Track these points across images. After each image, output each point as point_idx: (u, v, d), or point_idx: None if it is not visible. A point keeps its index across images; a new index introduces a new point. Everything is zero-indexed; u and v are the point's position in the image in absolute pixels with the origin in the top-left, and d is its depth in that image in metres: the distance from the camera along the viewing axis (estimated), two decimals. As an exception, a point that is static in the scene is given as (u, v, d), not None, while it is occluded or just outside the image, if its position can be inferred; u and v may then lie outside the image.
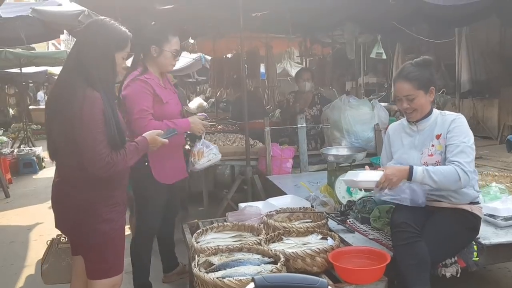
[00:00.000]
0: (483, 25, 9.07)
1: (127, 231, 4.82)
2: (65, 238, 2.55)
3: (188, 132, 3.30)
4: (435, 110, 2.66)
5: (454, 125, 2.52)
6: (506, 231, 2.74)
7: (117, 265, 2.23)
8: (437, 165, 2.51)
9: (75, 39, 2.32)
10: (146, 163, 3.04)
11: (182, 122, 3.17)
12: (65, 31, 6.36)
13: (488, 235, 2.66)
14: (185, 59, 11.24)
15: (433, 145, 2.56)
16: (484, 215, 2.74)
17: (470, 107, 10.08)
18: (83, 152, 2.04)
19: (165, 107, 3.11)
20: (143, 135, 2.33)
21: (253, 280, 1.21)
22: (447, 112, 2.65)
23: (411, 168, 2.41)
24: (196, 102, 8.91)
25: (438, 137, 2.56)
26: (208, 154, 3.38)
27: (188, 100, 8.97)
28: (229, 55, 8.43)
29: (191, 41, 8.07)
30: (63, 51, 11.62)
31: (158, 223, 3.32)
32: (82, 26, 2.27)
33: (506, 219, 2.80)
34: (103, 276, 2.19)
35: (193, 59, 11.32)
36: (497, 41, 9.91)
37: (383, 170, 2.47)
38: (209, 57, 9.80)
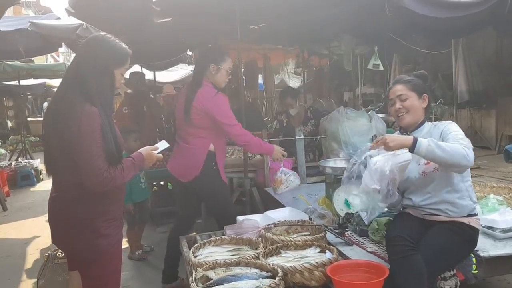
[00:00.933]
0: (480, 36, 9.15)
1: (125, 244, 4.82)
2: (61, 253, 2.54)
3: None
4: (428, 122, 2.68)
5: (447, 128, 2.55)
6: (504, 243, 2.73)
7: (114, 280, 2.22)
8: (435, 172, 2.50)
9: (73, 53, 2.34)
10: (215, 167, 3.53)
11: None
12: (63, 44, 6.38)
13: (486, 247, 2.65)
14: (183, 70, 11.28)
15: None
16: (483, 227, 2.73)
17: (467, 117, 10.11)
18: (81, 167, 2.04)
19: None
20: (139, 150, 2.33)
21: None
22: (439, 122, 2.68)
23: (415, 138, 2.33)
24: None
25: None
26: (286, 181, 3.84)
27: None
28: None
29: (189, 53, 8.11)
30: (61, 64, 11.67)
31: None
32: (81, 40, 2.28)
33: (505, 231, 2.78)
34: (100, 291, 2.17)
35: (191, 71, 11.32)
36: (493, 51, 9.98)
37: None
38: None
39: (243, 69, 6.63)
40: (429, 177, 2.52)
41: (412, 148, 2.32)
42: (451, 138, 2.46)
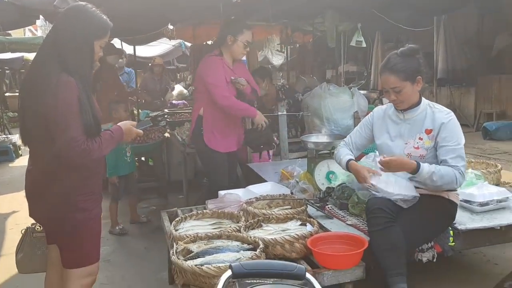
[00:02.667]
0: (461, 15, 9.19)
1: (107, 219, 4.79)
2: (40, 227, 2.50)
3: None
4: (424, 101, 2.63)
5: (448, 125, 2.50)
6: (481, 216, 2.80)
7: (93, 254, 2.20)
8: (422, 159, 2.52)
9: (52, 25, 2.25)
10: (202, 131, 3.70)
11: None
12: (41, 16, 6.17)
13: (464, 220, 2.71)
14: (164, 45, 11.09)
15: (420, 138, 2.55)
16: (461, 201, 2.78)
17: (447, 95, 10.24)
18: (57, 138, 1.99)
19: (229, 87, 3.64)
20: (118, 124, 2.28)
21: (230, 267, 1.21)
22: (436, 105, 2.62)
23: (418, 164, 2.41)
24: (176, 90, 8.81)
25: (428, 132, 2.54)
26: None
27: (168, 88, 8.92)
28: (209, 42, 8.33)
29: (171, 27, 7.94)
30: (39, 37, 11.30)
31: None
32: (59, 11, 2.19)
33: (482, 204, 2.85)
34: (78, 265, 2.15)
35: (173, 45, 11.16)
36: (474, 30, 10.06)
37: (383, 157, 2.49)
38: (189, 44, 9.67)
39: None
40: (413, 159, 2.53)
41: (414, 171, 2.44)
42: (448, 148, 2.46)
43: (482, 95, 9.97)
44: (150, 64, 8.10)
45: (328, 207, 3.04)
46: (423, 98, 2.63)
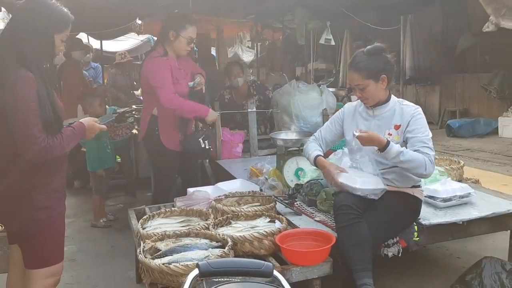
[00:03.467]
0: (427, 14, 9.42)
1: (72, 218, 4.68)
2: (1, 226, 2.41)
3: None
4: (393, 98, 2.66)
5: (415, 119, 2.54)
6: (444, 212, 2.87)
7: (56, 254, 2.14)
8: None
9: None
10: (157, 132, 3.54)
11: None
12: (3, 8, 5.95)
13: (428, 216, 2.78)
14: (132, 40, 10.90)
15: (390, 134, 2.58)
16: (425, 196, 2.84)
17: (413, 94, 10.47)
18: (16, 136, 1.92)
19: (177, 86, 3.48)
20: (81, 120, 2.23)
21: (197, 266, 1.20)
22: (405, 102, 2.67)
23: (388, 143, 2.41)
24: None
25: (397, 127, 2.57)
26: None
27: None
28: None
29: (139, 22, 7.80)
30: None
31: None
32: (18, 2, 2.11)
33: (445, 200, 2.93)
34: (42, 265, 2.09)
35: (141, 40, 10.98)
36: (439, 30, 10.31)
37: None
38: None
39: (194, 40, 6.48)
40: (382, 154, 2.57)
41: (382, 149, 2.42)
42: (416, 139, 2.49)
43: (446, 93, 10.26)
44: (117, 61, 7.94)
45: (297, 204, 3.05)
46: (392, 96, 2.67)
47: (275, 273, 1.26)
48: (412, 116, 2.56)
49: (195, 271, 1.19)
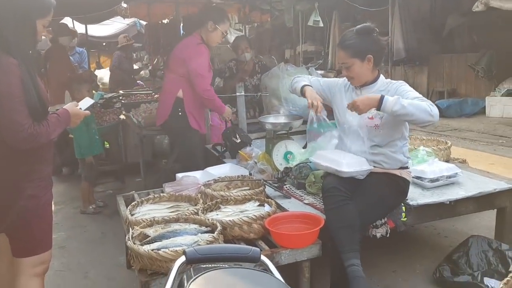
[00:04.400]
0: (415, -5, 9.38)
1: (61, 205, 4.66)
2: (-12, 215, 2.39)
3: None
4: (382, 79, 2.65)
5: (402, 89, 2.54)
6: (432, 192, 2.90)
7: (44, 242, 2.13)
8: (376, 129, 2.55)
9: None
10: (180, 113, 3.73)
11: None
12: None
13: (415, 196, 2.80)
14: (118, 24, 10.72)
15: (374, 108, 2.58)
16: (412, 177, 2.86)
17: (401, 74, 10.48)
18: (1, 123, 1.89)
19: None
20: (65, 107, 2.20)
21: (184, 253, 1.19)
22: (393, 81, 2.66)
23: (381, 97, 2.36)
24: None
25: None
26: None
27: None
28: (165, 21, 8.12)
29: (124, 5, 7.66)
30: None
31: None
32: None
33: (432, 180, 2.95)
34: (30, 253, 2.08)
35: (127, 24, 10.81)
36: (427, 10, 10.29)
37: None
38: (144, 23, 9.39)
39: (181, 24, 6.40)
40: (369, 130, 2.57)
41: (379, 105, 2.35)
42: (409, 98, 2.45)
43: (434, 73, 10.28)
44: (121, 44, 7.93)
45: (286, 187, 3.06)
46: (381, 76, 2.66)
47: (263, 258, 1.26)
48: (397, 88, 2.56)
49: (182, 258, 1.18)
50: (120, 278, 3.12)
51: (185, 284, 1.10)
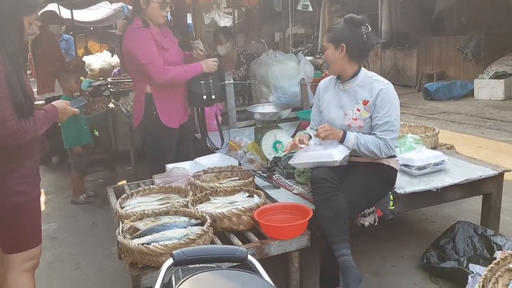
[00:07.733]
0: (405, -23, 9.32)
1: (51, 195, 4.65)
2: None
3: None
4: (363, 72, 2.64)
5: (383, 96, 2.53)
6: (419, 179, 2.93)
7: (33, 238, 2.13)
8: (360, 130, 2.57)
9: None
10: (154, 111, 3.30)
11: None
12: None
13: (403, 184, 2.83)
14: (105, 9, 10.54)
15: (358, 110, 2.57)
16: (400, 165, 2.89)
17: (391, 57, 10.49)
18: None
19: (166, 54, 3.25)
20: (52, 103, 2.18)
21: (171, 255, 1.20)
22: (376, 76, 2.64)
23: (344, 133, 2.53)
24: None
25: (365, 103, 2.56)
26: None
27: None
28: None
29: (110, -10, 7.55)
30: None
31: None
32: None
33: (419, 168, 2.98)
34: (19, 249, 2.09)
35: (114, 9, 10.62)
36: (417, -8, 10.24)
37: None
38: (131, 7, 9.25)
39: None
40: (352, 130, 2.59)
41: (342, 140, 2.54)
42: (379, 119, 2.51)
43: (423, 56, 10.30)
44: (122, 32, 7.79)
45: (275, 177, 3.08)
46: (362, 69, 2.66)
47: (250, 257, 1.28)
48: (379, 93, 2.53)
49: (170, 261, 1.20)
50: (112, 269, 3.14)
51: (173, 286, 1.12)
